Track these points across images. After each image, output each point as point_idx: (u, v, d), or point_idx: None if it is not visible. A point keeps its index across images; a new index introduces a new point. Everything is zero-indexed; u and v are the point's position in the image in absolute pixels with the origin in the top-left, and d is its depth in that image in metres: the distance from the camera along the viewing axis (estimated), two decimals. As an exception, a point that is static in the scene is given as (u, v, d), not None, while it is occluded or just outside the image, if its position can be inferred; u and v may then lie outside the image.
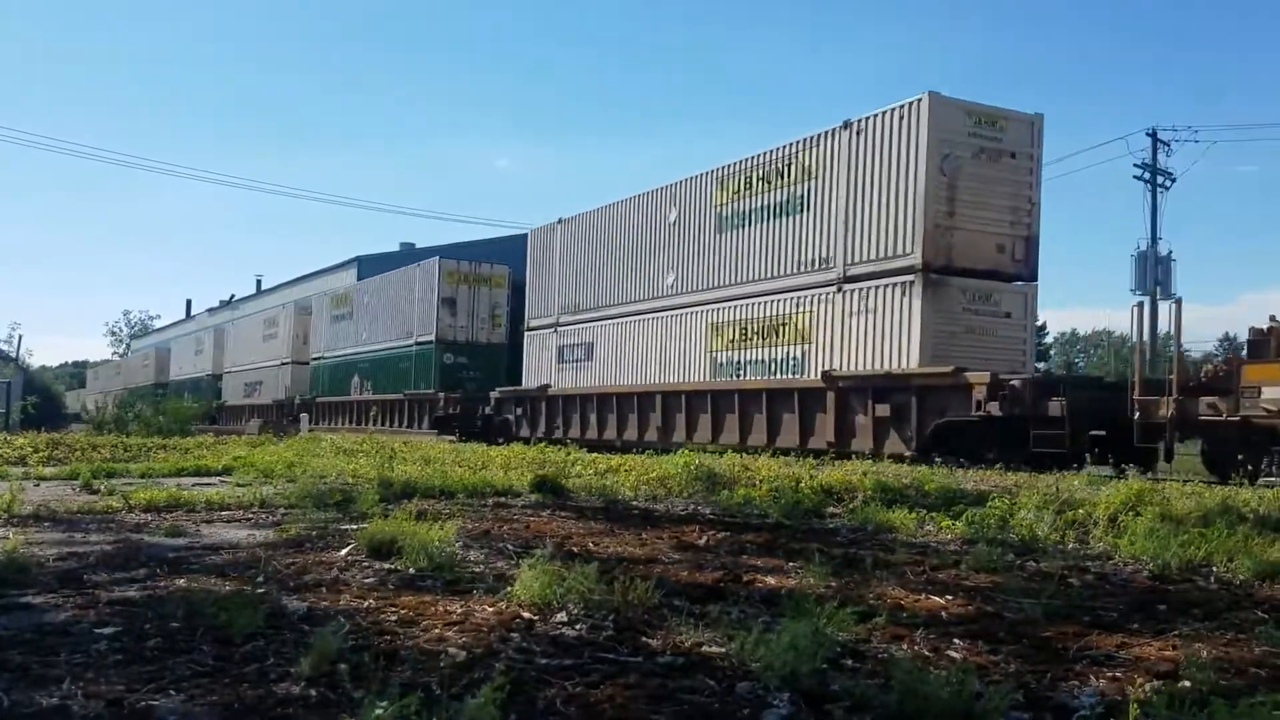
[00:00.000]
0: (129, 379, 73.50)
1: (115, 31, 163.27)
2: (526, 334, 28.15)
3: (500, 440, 23.27)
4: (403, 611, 4.32)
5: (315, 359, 41.27)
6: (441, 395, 29.88)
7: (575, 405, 24.50)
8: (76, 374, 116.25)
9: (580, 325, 25.67)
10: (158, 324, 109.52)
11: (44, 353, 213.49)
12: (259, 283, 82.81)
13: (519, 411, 26.75)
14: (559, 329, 26.52)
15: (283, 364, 43.86)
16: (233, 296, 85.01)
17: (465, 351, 31.43)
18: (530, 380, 27.35)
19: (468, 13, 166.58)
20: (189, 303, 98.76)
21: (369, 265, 53.12)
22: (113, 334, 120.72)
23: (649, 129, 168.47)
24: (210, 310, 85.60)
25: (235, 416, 49.20)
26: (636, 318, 23.57)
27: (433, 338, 31.21)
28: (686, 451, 15.13)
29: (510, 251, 35.76)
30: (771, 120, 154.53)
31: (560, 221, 27.03)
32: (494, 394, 28.16)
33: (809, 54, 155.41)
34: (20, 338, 80.00)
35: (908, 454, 15.31)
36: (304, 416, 39.70)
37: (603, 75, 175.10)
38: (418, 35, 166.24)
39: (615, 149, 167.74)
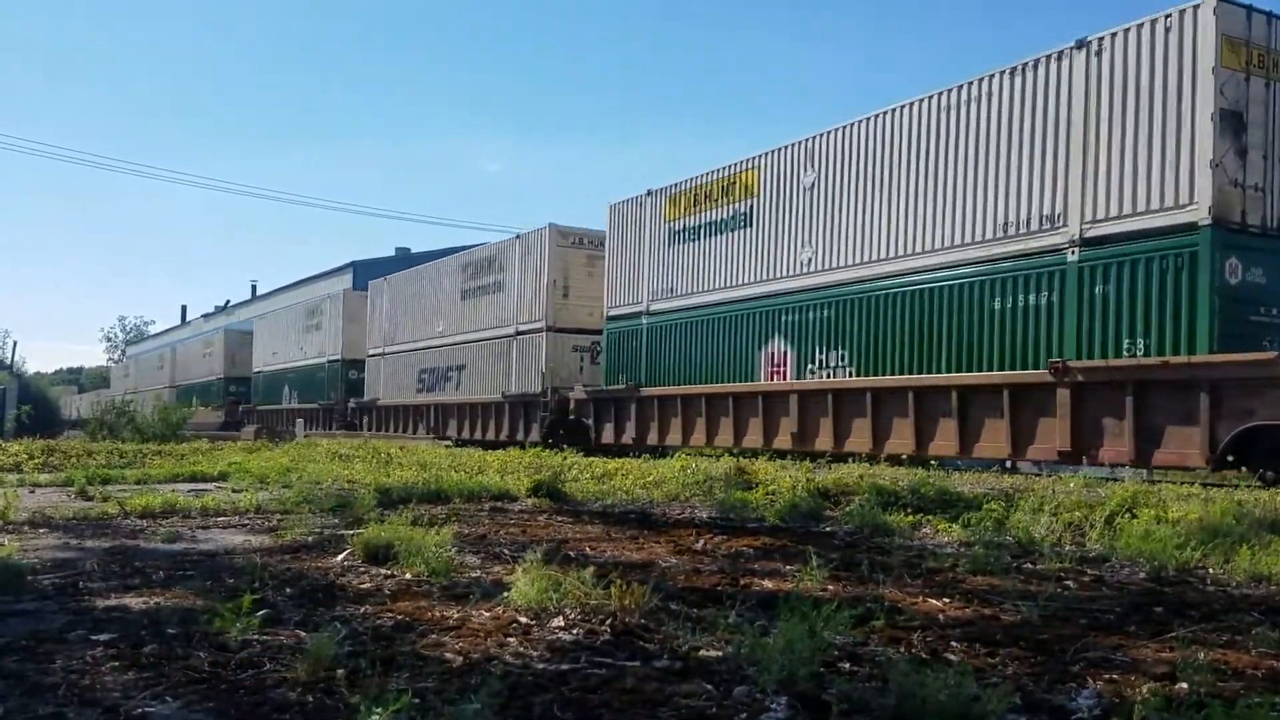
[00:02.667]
0: (183, 373, 58.09)
1: (104, 37, 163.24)
2: None
3: None
4: (399, 617, 4.31)
5: (621, 316, 22.05)
6: None
7: None
8: (73, 379, 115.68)
9: None
10: (153, 329, 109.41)
11: (37, 358, 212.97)
12: (254, 288, 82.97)
13: None
14: None
15: (519, 334, 25.19)
16: (228, 302, 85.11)
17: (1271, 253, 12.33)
18: None
19: (457, 14, 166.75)
20: (184, 308, 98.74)
21: (364, 270, 53.07)
22: (108, 339, 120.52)
23: (640, 130, 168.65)
24: (206, 315, 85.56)
25: (404, 423, 30.71)
26: None
27: (1206, 215, 11.81)
28: (683, 455, 15.14)
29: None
30: (768, 120, 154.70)
31: None
32: None
33: (806, 53, 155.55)
34: (15, 344, 79.17)
35: None
36: (300, 421, 36.44)
37: (593, 75, 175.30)
38: (406, 37, 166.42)
39: (606, 150, 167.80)
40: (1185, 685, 3.39)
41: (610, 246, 22.76)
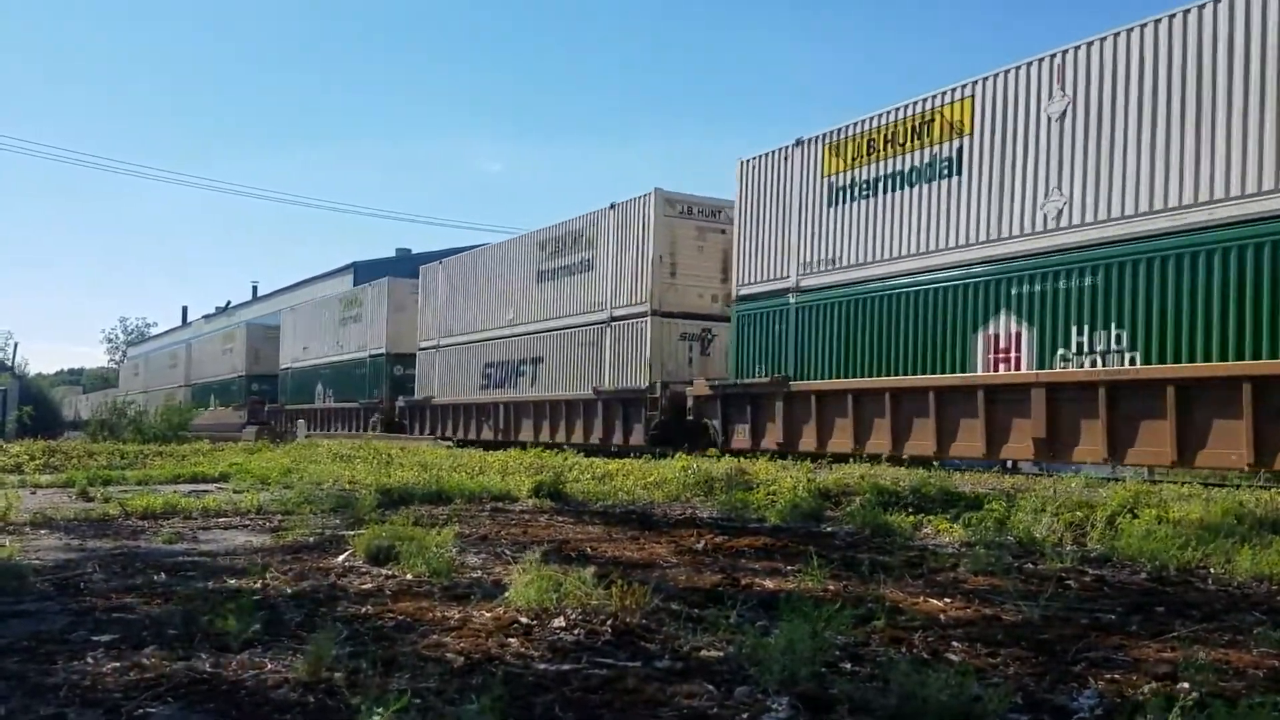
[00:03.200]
0: (200, 371, 52.55)
1: (103, 37, 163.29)
2: None
3: None
4: (400, 617, 4.32)
5: (758, 295, 17.67)
6: None
7: None
8: (74, 380, 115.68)
9: None
10: (154, 331, 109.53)
11: (38, 360, 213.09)
12: (255, 289, 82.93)
13: None
14: None
15: (614, 320, 21.30)
16: (229, 303, 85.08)
17: None
18: None
19: (456, 14, 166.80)
20: (185, 309, 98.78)
21: (365, 271, 52.86)
22: (109, 341, 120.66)
23: (640, 130, 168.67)
24: (207, 316, 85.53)
25: (465, 424, 26.69)
26: None
27: None
28: (681, 455, 15.13)
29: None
30: (768, 119, 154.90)
31: None
32: None
33: (806, 53, 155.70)
34: (15, 345, 78.90)
35: None
36: (301, 422, 35.81)
37: (593, 75, 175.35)
38: (406, 37, 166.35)
39: (607, 151, 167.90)
40: (1187, 685, 3.39)
41: (742, 211, 18.12)
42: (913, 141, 15.04)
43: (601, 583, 4.60)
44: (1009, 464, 14.41)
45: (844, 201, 16.07)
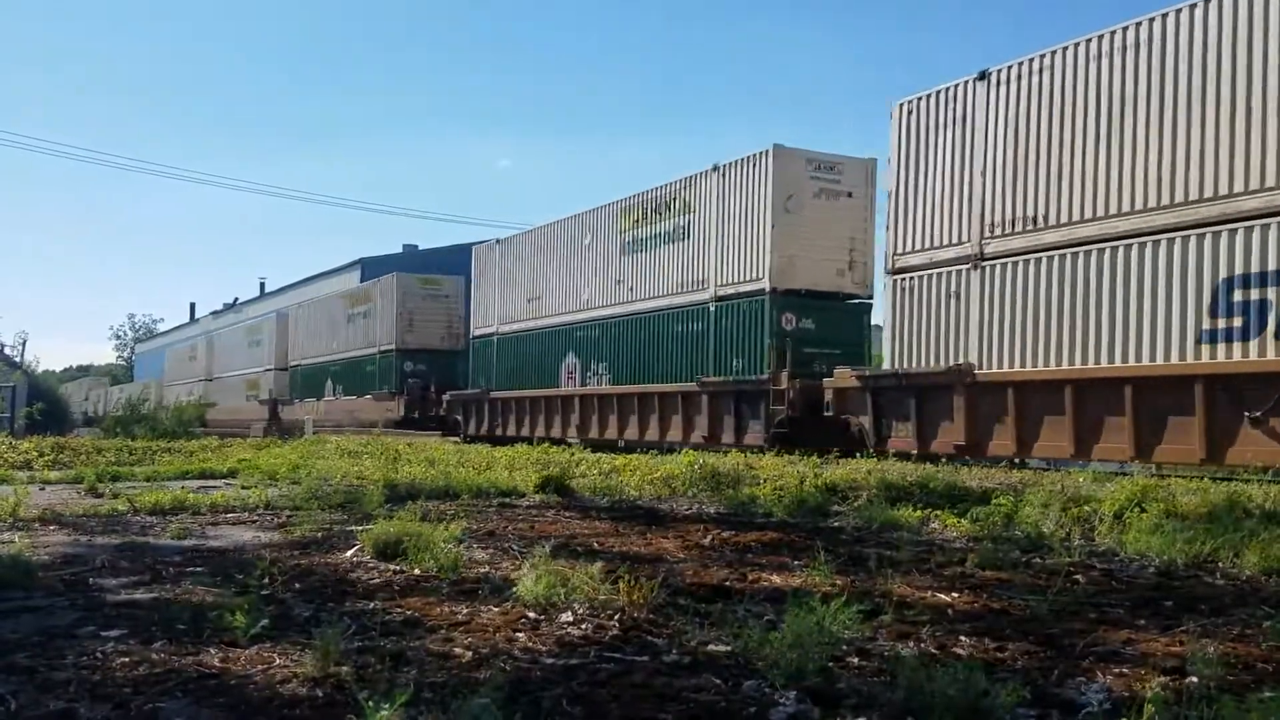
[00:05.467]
0: (305, 347, 37.92)
1: (116, 34, 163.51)
2: None
3: None
4: (408, 613, 4.33)
5: None
6: None
7: None
8: (81, 375, 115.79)
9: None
10: (161, 327, 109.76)
11: (46, 356, 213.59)
12: (262, 285, 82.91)
13: None
14: None
15: None
16: (236, 300, 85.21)
17: None
18: None
19: (466, 12, 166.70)
20: (193, 306, 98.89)
21: (372, 267, 52.66)
22: (117, 337, 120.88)
23: (650, 127, 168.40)
24: (214, 313, 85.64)
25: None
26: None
27: None
28: (689, 451, 15.10)
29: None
30: (774, 119, 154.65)
31: None
32: None
33: (812, 51, 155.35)
34: (24, 343, 78.79)
35: None
36: (308, 419, 36.50)
37: (603, 73, 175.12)
38: (416, 35, 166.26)
39: (616, 147, 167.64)
40: (1195, 679, 3.38)
41: None
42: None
43: (609, 578, 4.60)
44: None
45: None
